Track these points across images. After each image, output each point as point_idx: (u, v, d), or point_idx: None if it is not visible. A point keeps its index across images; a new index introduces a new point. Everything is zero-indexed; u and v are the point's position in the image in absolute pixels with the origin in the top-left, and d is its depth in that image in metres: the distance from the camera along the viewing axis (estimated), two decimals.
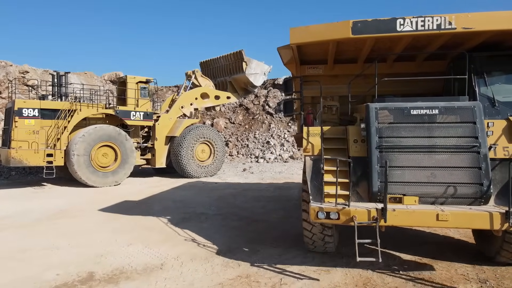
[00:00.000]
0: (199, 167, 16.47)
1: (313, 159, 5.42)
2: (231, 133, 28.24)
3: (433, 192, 4.83)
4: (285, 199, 10.93)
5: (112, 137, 14.00)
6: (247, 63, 17.74)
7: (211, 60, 19.66)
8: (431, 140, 4.93)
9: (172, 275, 5.24)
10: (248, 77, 17.86)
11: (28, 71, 21.76)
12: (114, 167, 14.07)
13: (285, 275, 5.21)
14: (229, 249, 6.33)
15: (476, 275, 5.18)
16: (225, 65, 18.80)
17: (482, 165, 4.72)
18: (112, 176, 13.93)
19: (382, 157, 4.91)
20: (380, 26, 5.07)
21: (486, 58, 5.64)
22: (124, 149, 14.28)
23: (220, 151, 17.28)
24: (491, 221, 4.46)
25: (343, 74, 7.08)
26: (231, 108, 30.21)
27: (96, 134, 13.62)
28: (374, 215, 4.66)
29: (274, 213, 9.14)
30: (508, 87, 5.57)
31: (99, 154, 13.76)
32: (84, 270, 5.39)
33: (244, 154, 25.45)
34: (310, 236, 5.68)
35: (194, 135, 16.31)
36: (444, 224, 4.59)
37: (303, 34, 5.44)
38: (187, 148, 16.04)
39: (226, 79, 18.90)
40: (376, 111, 5.12)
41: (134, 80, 15.68)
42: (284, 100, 6.84)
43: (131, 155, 14.48)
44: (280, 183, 14.48)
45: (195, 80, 18.24)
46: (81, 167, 13.21)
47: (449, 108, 4.97)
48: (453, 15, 4.87)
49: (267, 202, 10.49)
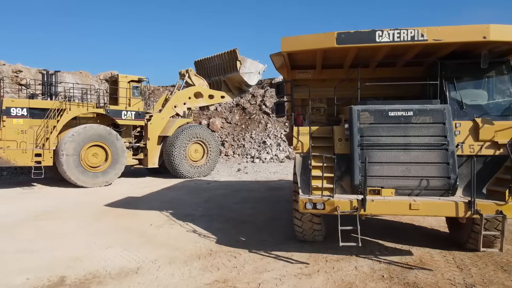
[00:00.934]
0: (192, 167, 16.27)
1: (302, 156, 5.96)
2: (227, 133, 28.03)
3: (407, 185, 5.43)
4: (275, 200, 10.72)
5: (102, 137, 13.80)
6: (241, 62, 17.53)
7: (206, 59, 19.46)
8: (406, 139, 5.52)
9: (146, 279, 5.03)
10: (242, 76, 17.65)
11: (22, 70, 21.57)
12: (105, 167, 13.86)
13: (264, 280, 5.00)
14: (210, 252, 6.13)
15: (452, 260, 5.67)
16: (219, 64, 18.59)
17: (450, 161, 5.33)
18: (102, 176, 13.73)
19: (363, 154, 5.50)
20: (361, 37, 5.59)
21: (455, 66, 6.20)
22: (115, 149, 14.08)
23: (214, 151, 17.08)
24: (457, 209, 5.05)
25: (330, 78, 7.50)
26: (227, 108, 30.00)
27: (86, 134, 13.42)
28: (355, 205, 5.22)
29: (262, 214, 8.93)
30: (475, 92, 6.20)
31: (89, 154, 13.56)
32: (55, 274, 5.18)
33: (240, 154, 25.25)
34: (300, 225, 6.26)
35: (187, 135, 16.11)
36: (416, 213, 5.14)
37: (293, 43, 5.94)
38: (179, 148, 15.84)
39: (220, 78, 18.69)
40: (358, 112, 5.67)
41: (126, 79, 15.48)
42: (276, 102, 7.24)
43: (122, 155, 14.27)
44: (273, 184, 14.27)
45: (188, 79, 18.03)
46: (71, 167, 13.01)
47: (422, 110, 5.55)
48: (425, 28, 5.42)
49: (256, 203, 10.29)
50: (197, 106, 18.44)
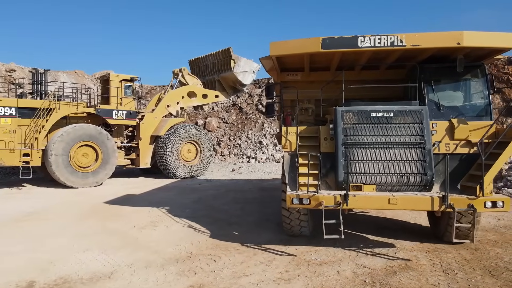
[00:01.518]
0: (185, 168, 16.08)
1: (290, 155, 6.29)
2: (223, 133, 27.86)
3: (388, 181, 5.78)
4: (266, 201, 10.53)
5: (92, 137, 13.61)
6: (235, 61, 17.32)
7: (200, 58, 19.27)
8: (387, 138, 5.86)
9: (118, 285, 4.85)
10: (236, 75, 17.44)
11: (15, 70, 21.40)
12: (95, 167, 13.68)
13: (241, 285, 4.82)
14: (189, 256, 5.94)
15: (439, 264, 5.48)
16: (214, 63, 18.40)
17: (427, 159, 5.66)
18: (92, 176, 13.54)
19: (346, 152, 5.81)
20: (344, 42, 5.90)
21: (433, 69, 6.56)
22: (105, 149, 13.89)
23: (207, 151, 16.89)
24: (432, 203, 5.42)
25: (318, 80, 7.71)
26: (224, 108, 29.82)
27: (76, 134, 13.24)
28: (338, 200, 5.55)
29: (250, 216, 8.75)
30: (451, 94, 6.55)
31: (78, 154, 13.37)
32: (25, 279, 5.00)
33: (236, 154, 25.06)
34: (288, 222, 6.59)
35: (179, 135, 15.92)
36: (395, 207, 5.48)
37: (281, 47, 6.22)
38: (172, 148, 15.65)
39: (214, 78, 18.48)
40: (342, 113, 5.99)
41: (117, 78, 15.30)
42: (266, 103, 7.61)
43: (113, 155, 14.09)
44: (266, 185, 14.08)
45: (182, 78, 17.84)
46: (60, 167, 12.83)
47: (401, 111, 5.90)
48: (403, 35, 5.74)
49: (246, 204, 10.10)
50: (191, 105, 18.24)
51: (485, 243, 6.58)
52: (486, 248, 6.27)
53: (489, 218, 8.37)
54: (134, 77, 15.79)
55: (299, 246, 6.36)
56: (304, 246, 6.33)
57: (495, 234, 7.15)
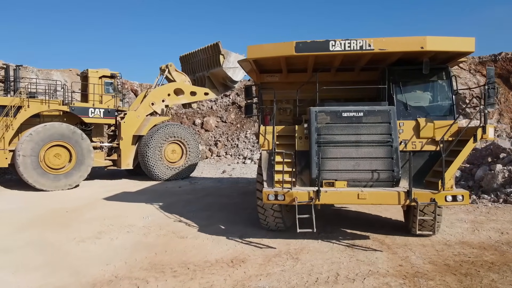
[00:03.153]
0: (169, 169, 15.13)
1: (267, 153, 6.55)
2: (221, 132, 26.89)
3: (358, 177, 6.11)
4: (241, 207, 9.49)
5: (65, 136, 12.76)
6: (225, 56, 16.30)
7: (190, 54, 18.29)
8: (357, 137, 6.16)
9: None
10: (225, 71, 16.43)
11: (4, 67, 20.75)
12: (68, 169, 12.82)
13: None
14: (112, 280, 4.95)
15: None
16: (203, 59, 17.41)
17: (394, 156, 6.00)
18: (65, 178, 12.69)
19: (319, 150, 6.13)
20: (317, 46, 6.19)
21: (401, 71, 6.84)
22: (79, 149, 13.03)
23: (194, 151, 15.91)
24: (397, 198, 5.79)
25: (295, 81, 7.86)
26: (223, 106, 28.85)
27: (46, 133, 12.41)
28: (311, 196, 5.88)
29: (213, 226, 7.72)
30: (418, 95, 6.84)
31: (50, 155, 12.54)
32: None
33: (232, 154, 24.06)
34: (264, 218, 6.98)
35: (162, 134, 14.98)
36: (364, 202, 5.83)
37: (258, 51, 6.51)
38: (154, 148, 14.72)
39: (204, 74, 17.51)
40: (316, 113, 6.28)
41: (96, 74, 14.45)
42: (245, 104, 7.84)
43: (88, 155, 13.21)
44: (252, 188, 12.99)
45: (169, 74, 16.89)
46: (28, 169, 12.02)
47: (371, 111, 6.22)
48: (371, 39, 6.05)
49: (217, 212, 9.07)
50: (178, 103, 17.31)
51: (479, 265, 5.40)
52: (479, 274, 5.10)
53: (490, 232, 7.15)
54: (115, 73, 14.93)
55: (252, 269, 5.29)
56: (255, 269, 5.26)
57: (494, 254, 5.94)
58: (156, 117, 15.59)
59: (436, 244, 6.40)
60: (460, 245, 6.39)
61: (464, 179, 11.88)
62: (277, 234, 7.03)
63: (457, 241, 6.64)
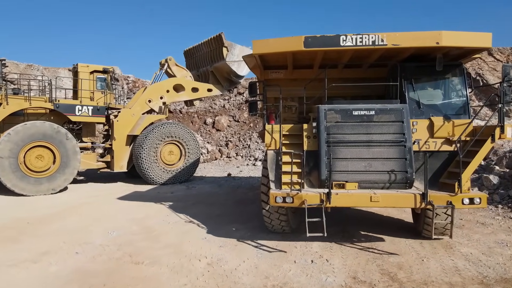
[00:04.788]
0: (165, 172, 13.83)
1: (274, 153, 6.23)
2: (233, 132, 25.50)
3: (369, 179, 5.86)
4: (230, 220, 8.02)
5: (47, 136, 11.67)
6: (228, 48, 14.86)
7: (194, 48, 16.95)
8: (368, 136, 5.90)
9: None
10: (229, 65, 14.97)
11: (7, 65, 20.20)
12: (51, 172, 11.72)
13: None
14: None
15: None
16: (207, 53, 16.04)
17: (407, 157, 5.77)
18: (47, 182, 11.60)
19: (329, 150, 5.82)
20: (327, 41, 5.87)
21: (414, 68, 6.55)
22: (64, 150, 11.91)
23: (193, 153, 14.55)
24: (412, 201, 5.51)
25: (301, 78, 7.66)
26: (236, 105, 27.46)
27: (26, 133, 11.35)
28: (321, 198, 5.59)
29: (186, 244, 6.27)
30: (431, 92, 6.59)
31: (31, 157, 11.48)
32: None
33: (243, 155, 22.60)
34: (269, 221, 6.70)
35: (158, 134, 13.70)
36: (376, 204, 5.59)
37: (264, 46, 6.14)
38: (149, 149, 13.46)
39: (207, 69, 16.14)
40: (325, 111, 6.01)
41: (87, 69, 13.37)
42: (249, 101, 7.39)
43: (74, 157, 12.08)
44: (250, 195, 11.49)
45: (168, 69, 15.64)
46: (6, 171, 10.99)
47: (382, 109, 5.96)
48: (384, 34, 5.77)
49: (200, 225, 7.64)
50: (178, 101, 16.05)
51: None
52: None
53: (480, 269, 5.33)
54: (108, 68, 13.82)
55: None
56: None
57: None
58: (151, 115, 14.33)
59: (469, 283, 4.70)
60: (503, 285, 4.67)
61: (503, 186, 9.90)
62: (265, 258, 5.51)
63: (499, 277, 4.91)
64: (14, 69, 21.16)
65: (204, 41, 16.07)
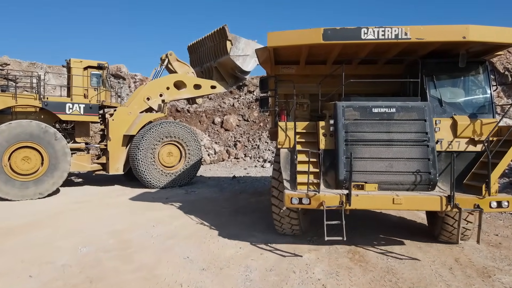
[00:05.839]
0: (164, 175, 12.85)
1: (287, 152, 6.01)
2: (242, 132, 24.44)
3: (390, 180, 5.55)
4: (221, 234, 6.92)
5: (34, 136, 10.83)
6: (232, 42, 13.77)
7: (198, 42, 15.96)
8: (389, 135, 5.62)
9: None
10: (234, 59, 13.88)
11: (8, 63, 19.68)
12: (38, 175, 10.87)
13: None
14: None
15: None
16: (210, 47, 15.02)
17: (430, 157, 5.48)
18: (34, 186, 10.75)
19: (348, 149, 5.58)
20: (347, 34, 5.63)
21: (435, 64, 6.34)
22: (52, 151, 11.04)
23: (194, 154, 13.51)
24: (437, 203, 5.19)
25: (313, 74, 7.55)
26: (245, 103, 26.40)
27: (11, 133, 10.53)
28: (341, 200, 5.24)
29: (163, 267, 5.20)
30: (453, 90, 6.37)
31: (17, 158, 10.65)
32: None
33: (252, 156, 21.50)
34: (279, 219, 6.43)
35: (156, 134, 12.72)
36: (399, 207, 5.26)
37: (280, 38, 5.87)
38: (145, 150, 12.50)
39: (211, 64, 15.11)
40: (343, 109, 5.76)
41: (80, 64, 12.48)
42: (260, 98, 7.36)
43: (64, 159, 11.20)
44: (252, 201, 10.39)
45: (169, 65, 14.67)
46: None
47: (404, 107, 5.69)
48: (408, 27, 5.49)
49: (185, 239, 6.57)
50: (179, 98, 15.08)
51: None
52: None
53: None
54: (103, 63, 12.90)
55: None
56: None
57: None
58: (149, 114, 13.36)
59: None
60: None
61: None
62: None
63: None
64: (17, 67, 20.59)
65: (207, 35, 15.06)
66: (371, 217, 8.24)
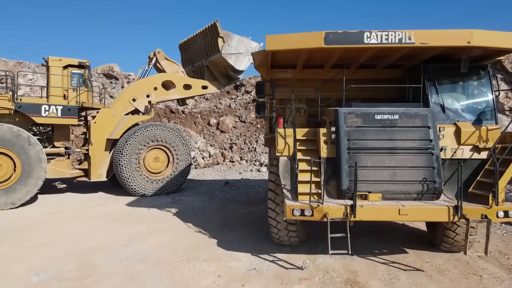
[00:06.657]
0: (149, 182, 11.93)
1: (287, 160, 5.71)
2: (239, 134, 23.54)
3: (394, 189, 5.32)
4: (208, 254, 6.01)
5: (6, 141, 9.95)
6: (224, 39, 12.87)
7: (189, 40, 15.05)
8: (392, 143, 5.39)
9: None
10: (226, 58, 12.98)
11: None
12: (10, 183, 9.99)
13: None
14: None
15: None
16: (202, 45, 14.12)
17: (435, 165, 5.28)
18: (5, 195, 9.86)
19: (351, 157, 5.33)
20: (349, 38, 5.46)
21: (437, 69, 6.15)
22: (26, 157, 10.16)
23: (183, 159, 12.60)
24: (444, 214, 4.96)
25: (310, 79, 7.40)
26: (242, 104, 25.48)
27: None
28: (345, 211, 5.02)
29: None
30: (455, 95, 6.19)
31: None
32: None
33: (248, 160, 20.58)
34: (276, 232, 6.15)
35: (141, 138, 11.81)
36: (405, 218, 5.10)
37: (279, 42, 5.66)
38: (130, 155, 11.59)
39: (203, 63, 14.21)
40: (345, 115, 5.51)
41: (59, 63, 11.59)
42: (256, 103, 6.92)
43: (38, 166, 10.31)
44: (243, 212, 9.47)
45: (158, 64, 13.78)
46: None
47: (407, 114, 5.48)
48: (412, 31, 5.38)
49: (157, 263, 5.66)
50: (167, 99, 14.14)
51: None
52: None
53: None
54: (85, 62, 12.01)
55: None
56: None
57: None
58: (133, 116, 12.45)
59: None
60: None
61: None
62: None
63: None
64: (2, 66, 19.72)
65: (199, 31, 14.16)
66: (372, 223, 7.34)
